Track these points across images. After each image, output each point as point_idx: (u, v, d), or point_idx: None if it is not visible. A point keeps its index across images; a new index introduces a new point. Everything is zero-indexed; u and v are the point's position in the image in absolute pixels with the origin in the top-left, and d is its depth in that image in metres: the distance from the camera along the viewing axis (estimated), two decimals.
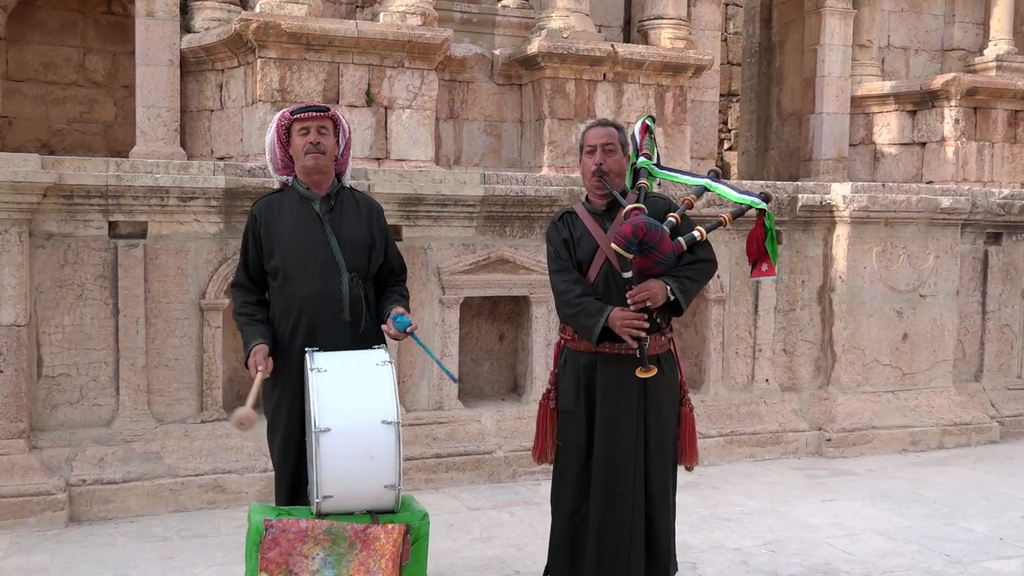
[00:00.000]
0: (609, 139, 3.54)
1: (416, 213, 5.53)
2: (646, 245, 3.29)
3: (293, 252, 3.50)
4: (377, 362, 3.35)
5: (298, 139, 3.54)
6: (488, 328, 6.13)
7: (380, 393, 3.27)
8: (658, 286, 3.36)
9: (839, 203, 6.40)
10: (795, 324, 6.56)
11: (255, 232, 3.58)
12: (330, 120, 3.57)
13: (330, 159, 3.59)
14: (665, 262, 3.37)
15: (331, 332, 3.49)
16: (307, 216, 3.55)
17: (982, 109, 8.91)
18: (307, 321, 3.49)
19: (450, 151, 7.48)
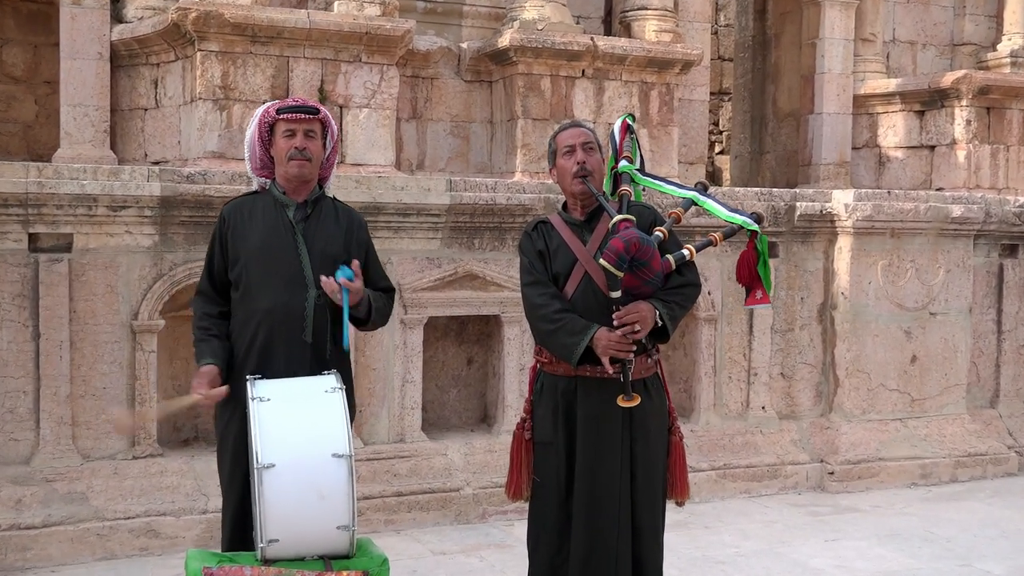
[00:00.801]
0: (587, 138, 3.58)
1: (375, 223, 5.52)
2: (637, 263, 3.31)
3: (258, 260, 3.51)
4: (327, 388, 3.34)
5: (282, 141, 3.54)
6: (455, 351, 6.13)
7: (330, 423, 3.26)
8: (648, 309, 3.39)
9: (841, 212, 6.47)
10: (794, 345, 6.62)
11: (222, 236, 3.58)
12: (319, 123, 3.58)
13: (316, 166, 3.60)
14: (653, 282, 3.39)
15: (288, 354, 3.48)
16: (279, 223, 3.55)
17: (996, 109, 9.04)
18: (263, 339, 3.49)
19: (412, 155, 7.49)
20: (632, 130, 3.92)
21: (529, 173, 7.16)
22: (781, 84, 10.01)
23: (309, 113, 3.55)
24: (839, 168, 9.16)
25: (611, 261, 3.27)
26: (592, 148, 3.56)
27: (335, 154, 3.72)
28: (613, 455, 3.48)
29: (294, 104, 3.58)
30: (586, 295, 3.48)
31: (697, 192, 3.82)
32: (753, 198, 6.39)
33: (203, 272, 3.67)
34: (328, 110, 6.75)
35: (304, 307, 3.49)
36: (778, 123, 10.07)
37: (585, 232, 3.57)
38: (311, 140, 3.55)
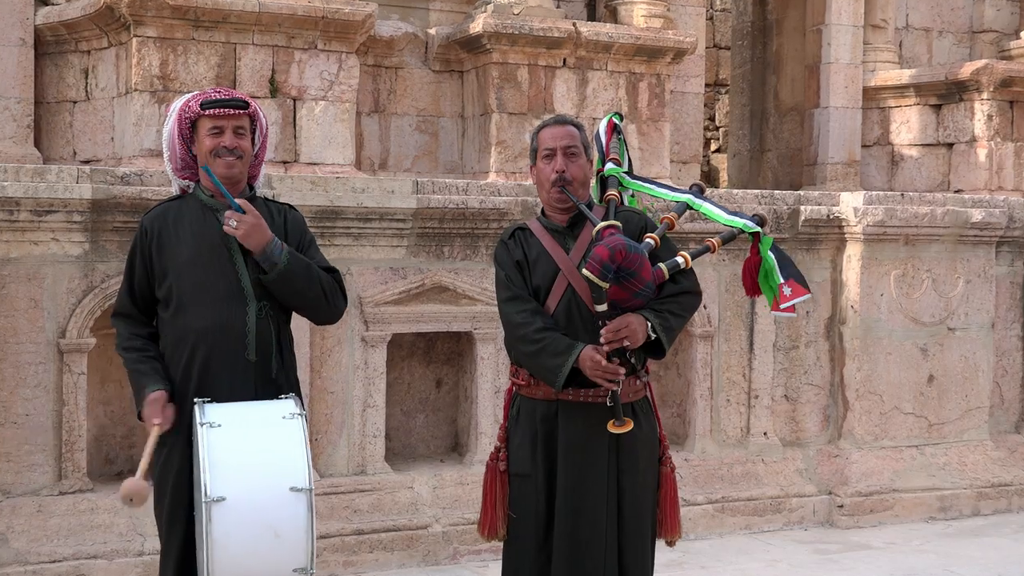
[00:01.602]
0: (571, 140, 3.58)
1: (332, 230, 5.52)
2: (624, 272, 3.31)
3: (189, 274, 3.48)
4: (284, 414, 3.33)
5: (207, 139, 3.51)
6: (422, 372, 6.12)
7: (288, 453, 3.25)
8: (638, 322, 3.39)
9: (850, 217, 6.52)
10: (799, 365, 6.65)
11: (144, 249, 3.55)
12: (248, 117, 3.56)
13: (246, 165, 3.58)
14: (644, 293, 3.40)
15: (231, 377, 3.46)
16: (209, 230, 3.52)
17: (1020, 103, 9.13)
18: (201, 361, 3.46)
19: (374, 153, 7.49)
20: (619, 130, 3.94)
21: (505, 173, 7.17)
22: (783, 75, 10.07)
23: (238, 107, 3.51)
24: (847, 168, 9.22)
25: (594, 271, 3.27)
26: (575, 152, 3.57)
27: (264, 150, 3.70)
28: (598, 489, 3.48)
29: (220, 98, 3.52)
30: (570, 310, 3.49)
31: (692, 195, 3.84)
32: (753, 201, 6.43)
33: (121, 292, 3.61)
34: (280, 103, 6.81)
35: (245, 323, 3.48)
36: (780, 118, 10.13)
37: (568, 239, 3.58)
38: (241, 138, 3.53)
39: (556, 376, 3.41)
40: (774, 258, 3.69)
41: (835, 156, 9.20)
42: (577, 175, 3.56)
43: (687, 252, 3.58)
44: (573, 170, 3.55)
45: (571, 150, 3.56)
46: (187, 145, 3.58)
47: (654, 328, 3.42)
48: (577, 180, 3.56)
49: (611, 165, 3.86)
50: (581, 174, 3.58)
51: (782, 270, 3.68)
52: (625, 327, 3.37)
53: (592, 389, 3.43)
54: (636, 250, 3.33)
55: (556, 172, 3.53)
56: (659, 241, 3.55)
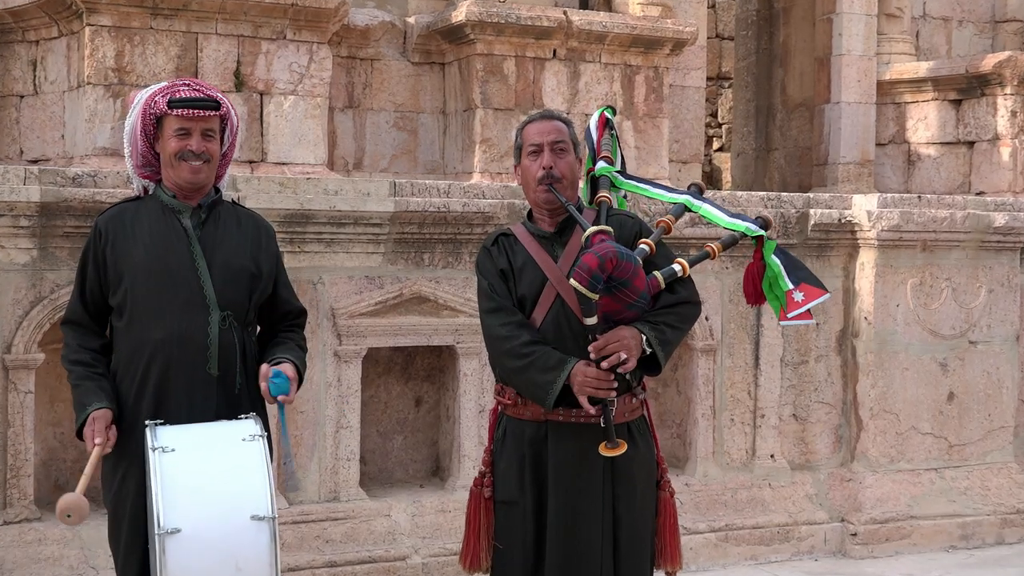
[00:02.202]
0: (559, 135, 3.58)
1: (303, 236, 5.51)
2: (615, 282, 3.31)
3: (146, 279, 3.47)
4: (245, 436, 3.33)
5: (173, 141, 3.51)
6: (400, 390, 6.12)
7: (249, 479, 3.24)
8: (631, 336, 3.39)
9: (863, 221, 6.54)
10: (808, 381, 6.66)
11: (98, 252, 3.54)
12: (218, 118, 3.56)
13: (213, 169, 3.59)
14: (638, 304, 3.39)
15: (190, 393, 3.46)
16: (170, 232, 3.53)
17: None
18: (158, 376, 3.46)
19: (348, 152, 7.49)
20: (611, 125, 3.94)
21: (490, 174, 7.18)
22: (791, 68, 10.11)
23: (208, 108, 3.52)
24: (860, 168, 9.26)
25: (583, 281, 3.27)
26: (564, 149, 3.57)
27: (233, 150, 3.71)
28: (592, 517, 3.48)
29: (189, 96, 3.51)
30: (558, 323, 3.49)
31: (691, 196, 3.84)
32: (758, 204, 6.45)
33: (73, 298, 3.61)
34: (246, 98, 6.80)
35: (207, 334, 3.47)
36: (788, 114, 10.16)
37: (556, 246, 3.58)
38: (210, 141, 3.53)
39: (546, 394, 3.40)
40: (779, 263, 3.68)
41: (847, 155, 9.24)
42: (566, 173, 3.56)
43: (685, 259, 3.59)
44: (561, 167, 3.55)
45: (559, 146, 3.56)
46: (150, 142, 3.57)
47: (649, 342, 3.42)
48: (566, 178, 3.56)
49: (603, 164, 3.86)
50: (570, 172, 3.58)
51: (790, 275, 3.68)
52: (616, 341, 3.36)
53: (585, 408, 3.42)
54: (628, 258, 3.32)
55: (543, 168, 3.53)
56: (654, 247, 3.55)
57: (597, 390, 3.36)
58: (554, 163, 3.54)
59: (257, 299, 3.61)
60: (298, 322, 3.79)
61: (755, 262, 3.73)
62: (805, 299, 3.70)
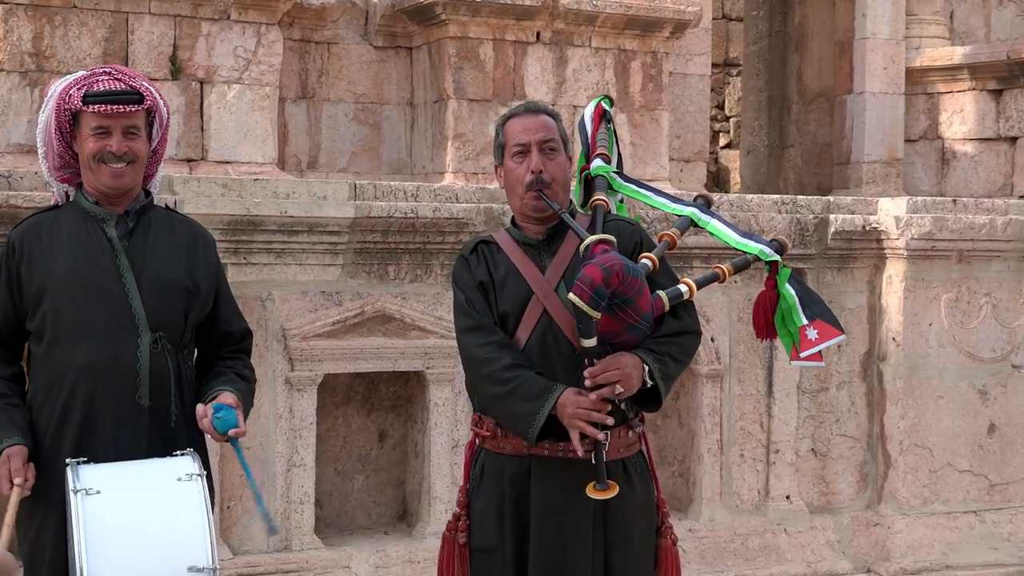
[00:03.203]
0: (547, 132, 3.59)
1: (249, 245, 5.51)
2: (619, 299, 3.31)
3: (67, 299, 3.47)
4: (181, 475, 3.32)
5: (91, 141, 3.51)
6: (362, 422, 6.11)
7: (186, 524, 3.24)
8: (633, 364, 3.39)
9: (890, 228, 6.57)
10: (829, 411, 6.68)
11: (12, 270, 3.54)
12: (144, 112, 3.56)
13: (140, 170, 3.58)
14: (639, 327, 3.40)
15: (118, 426, 3.45)
16: (93, 244, 3.52)
17: None
18: (82, 408, 3.45)
19: (302, 148, 7.49)
20: (609, 118, 3.96)
21: (464, 174, 7.19)
22: (808, 53, 10.15)
23: (129, 102, 3.51)
24: (888, 168, 9.30)
25: (585, 297, 3.26)
26: (554, 148, 3.58)
27: (164, 146, 3.70)
28: (581, 566, 3.48)
29: (108, 89, 3.50)
30: (545, 344, 3.49)
31: (697, 209, 3.86)
32: (771, 208, 6.48)
33: None
34: (183, 87, 6.80)
35: (136, 358, 3.47)
36: (805, 106, 10.20)
37: (544, 255, 3.59)
38: (133, 139, 3.52)
39: (528, 426, 3.41)
40: (794, 294, 3.70)
41: (872, 153, 9.28)
42: (557, 175, 3.57)
43: (692, 279, 3.60)
44: (552, 170, 3.56)
45: (549, 144, 3.57)
46: (67, 141, 3.57)
47: (652, 373, 3.43)
48: (557, 180, 3.57)
49: (599, 162, 3.87)
50: (561, 174, 3.59)
51: (805, 309, 3.69)
52: (617, 368, 3.37)
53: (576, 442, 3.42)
54: (635, 273, 3.32)
55: (532, 172, 3.54)
56: (657, 263, 3.56)
57: (588, 421, 3.37)
58: (544, 165, 3.55)
59: (195, 318, 3.61)
60: (241, 346, 3.78)
61: (767, 291, 3.75)
62: (819, 338, 3.71)
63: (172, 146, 6.55)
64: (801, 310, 3.70)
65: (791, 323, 3.71)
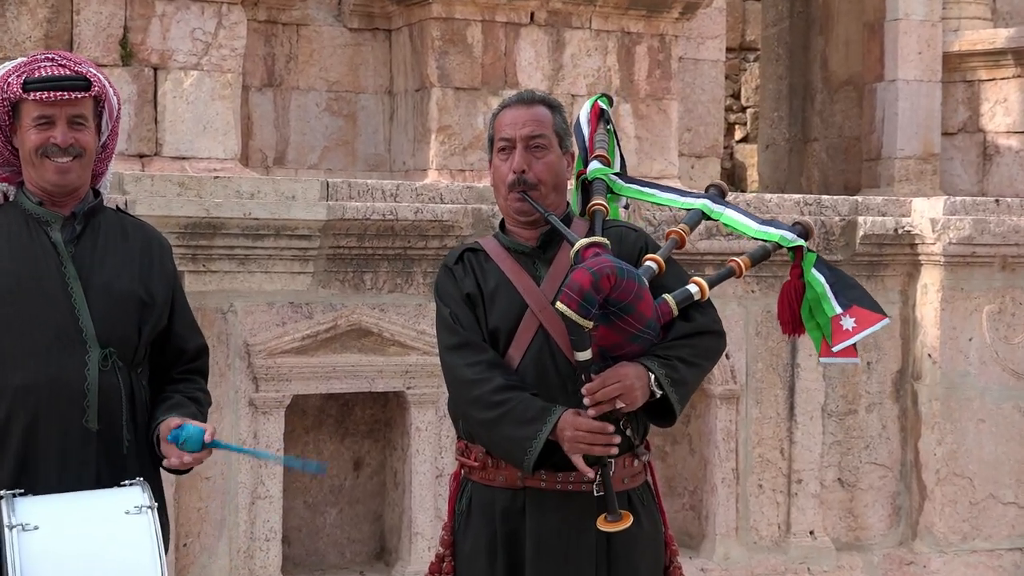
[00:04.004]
0: (536, 126, 3.59)
1: (209, 251, 5.51)
2: (614, 306, 3.31)
3: (6, 310, 3.46)
4: (130, 508, 3.31)
5: (33, 133, 3.50)
6: (335, 449, 6.11)
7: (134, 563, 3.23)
8: (635, 375, 3.38)
9: (926, 231, 6.57)
10: (858, 436, 6.68)
11: None
12: (91, 101, 3.56)
13: (88, 165, 3.58)
14: (644, 336, 3.40)
15: (63, 453, 3.44)
16: (35, 249, 3.52)
17: None
18: (22, 432, 3.43)
19: (268, 142, 7.49)
20: (607, 118, 3.96)
21: (449, 171, 7.19)
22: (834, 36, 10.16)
23: (74, 88, 3.50)
24: (923, 164, 9.30)
25: (572, 305, 3.26)
26: (543, 145, 3.57)
27: (115, 139, 3.70)
28: None
29: (50, 75, 3.49)
30: (542, 362, 3.49)
31: (709, 200, 3.86)
32: (793, 209, 6.49)
33: None
34: (135, 74, 6.79)
35: (84, 377, 3.46)
36: (830, 96, 10.21)
37: (539, 264, 3.59)
38: (80, 130, 3.52)
39: (524, 453, 3.40)
40: (823, 281, 3.70)
41: (906, 148, 9.28)
42: (544, 176, 3.56)
43: (702, 278, 3.60)
44: (538, 169, 3.56)
45: (536, 141, 3.57)
46: (5, 135, 3.57)
47: (659, 381, 3.41)
48: (544, 183, 3.56)
49: (596, 164, 3.88)
50: (550, 174, 3.58)
51: (838, 296, 3.68)
52: (617, 382, 3.36)
53: (574, 472, 3.42)
54: (631, 275, 3.33)
55: (515, 172, 3.54)
56: (664, 264, 3.56)
57: (592, 446, 3.36)
58: (528, 165, 3.54)
59: (149, 332, 3.60)
60: (195, 366, 3.77)
61: (792, 280, 3.74)
62: (857, 327, 3.67)
63: (123, 139, 6.54)
64: (833, 298, 3.67)
65: (820, 315, 3.69)
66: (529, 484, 3.48)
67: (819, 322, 3.71)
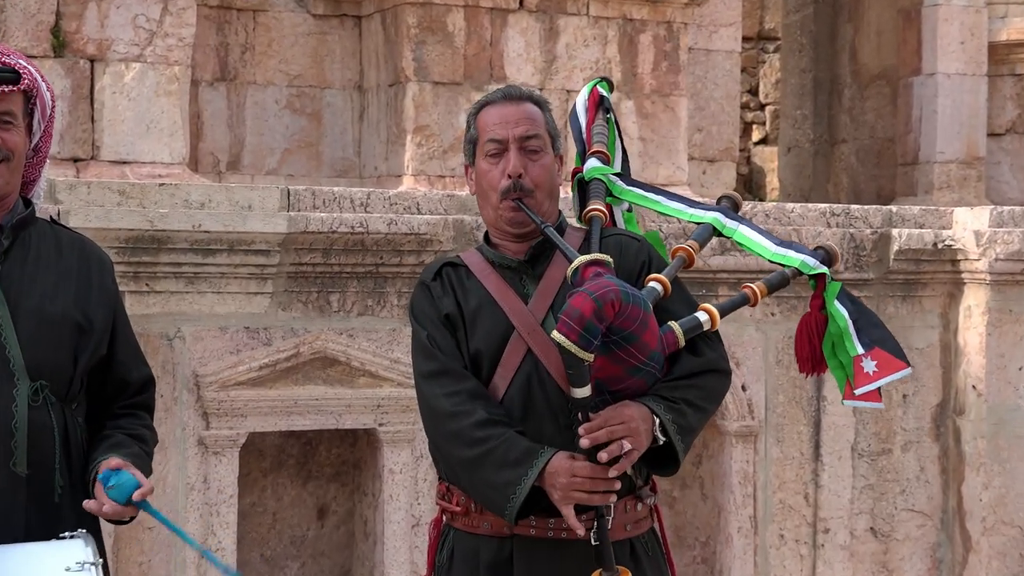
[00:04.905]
0: (530, 125, 3.60)
1: (153, 269, 5.51)
2: (616, 334, 3.30)
3: None
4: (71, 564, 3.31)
5: None
6: (297, 495, 6.11)
7: None
8: (640, 416, 3.38)
9: (969, 246, 6.59)
10: (892, 479, 6.69)
11: None
12: (21, 96, 3.57)
13: (17, 169, 3.58)
14: (646, 369, 3.39)
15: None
16: None
17: None
18: None
19: (221, 145, 7.49)
20: (607, 105, 3.97)
21: (427, 177, 7.20)
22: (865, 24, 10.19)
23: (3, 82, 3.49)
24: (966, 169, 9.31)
25: (572, 335, 3.25)
26: (538, 147, 3.58)
27: (48, 142, 3.70)
28: None
29: None
30: (530, 393, 3.50)
31: (721, 214, 3.88)
32: (818, 221, 6.50)
33: None
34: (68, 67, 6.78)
35: (11, 414, 3.45)
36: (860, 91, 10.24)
37: (527, 281, 3.60)
38: (8, 130, 3.52)
39: (507, 499, 3.40)
40: (846, 315, 3.71)
41: (946, 151, 9.30)
42: (541, 180, 3.58)
43: (714, 305, 3.62)
44: (535, 173, 3.56)
45: (532, 143, 3.57)
46: None
47: (664, 427, 3.43)
48: (541, 188, 3.57)
49: (595, 162, 3.88)
50: (547, 179, 3.60)
51: (860, 334, 3.70)
52: (620, 421, 3.36)
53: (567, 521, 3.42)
54: (636, 301, 3.32)
55: (509, 176, 3.55)
56: (669, 286, 3.57)
57: (591, 495, 3.36)
58: (524, 168, 3.55)
59: (86, 362, 3.60)
60: (140, 399, 3.77)
61: (813, 312, 3.75)
62: (878, 372, 3.69)
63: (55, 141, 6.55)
64: (855, 336, 3.69)
65: (843, 352, 3.71)
66: (518, 532, 3.48)
67: (841, 360, 3.73)
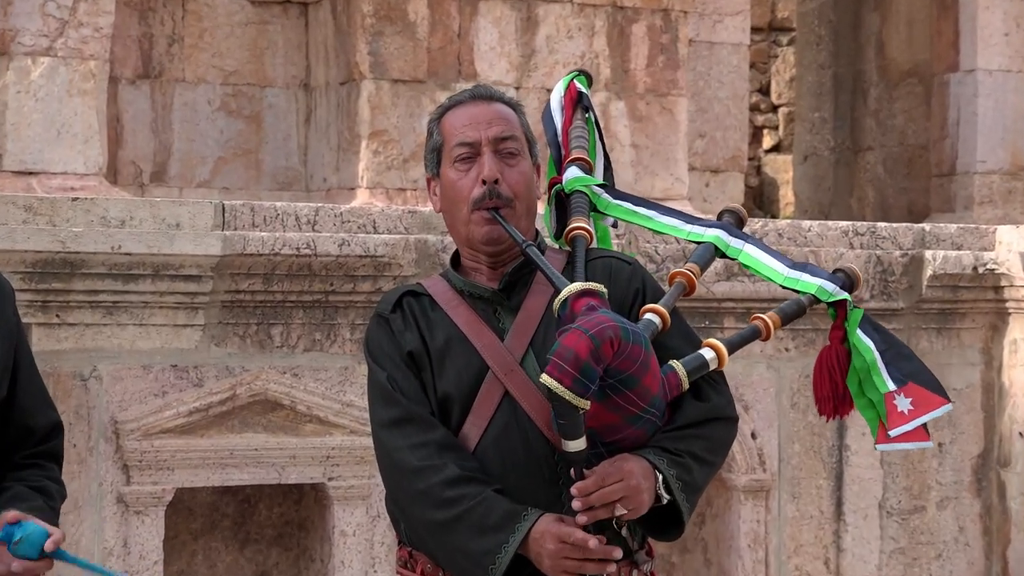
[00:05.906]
0: (505, 126, 3.59)
1: (65, 297, 5.51)
2: (613, 377, 3.29)
3: None
4: None
5: None
6: (233, 560, 6.11)
7: None
8: (641, 471, 3.38)
9: (1015, 270, 6.62)
10: (926, 541, 6.71)
11: None
12: None
13: None
14: (646, 416, 3.38)
15: None
16: None
17: None
18: None
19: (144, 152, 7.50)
20: (586, 102, 3.97)
21: (385, 190, 7.21)
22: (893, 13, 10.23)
23: None
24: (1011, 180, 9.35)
25: (566, 380, 3.23)
26: (515, 151, 3.58)
27: None
28: None
29: None
30: (508, 440, 3.49)
31: (723, 231, 3.88)
32: (839, 241, 6.52)
33: None
34: None
35: None
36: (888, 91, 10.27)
37: (502, 313, 3.60)
38: None
39: (487, 570, 3.38)
40: (872, 347, 3.71)
41: (988, 159, 9.33)
42: (520, 188, 3.56)
43: (719, 340, 3.62)
44: (513, 179, 3.55)
45: (507, 144, 3.56)
46: None
47: (667, 484, 3.43)
48: (520, 197, 3.56)
49: (575, 171, 3.87)
50: (525, 187, 3.59)
51: (888, 367, 3.70)
52: (619, 480, 3.36)
53: None
54: (637, 339, 3.31)
55: (483, 182, 3.54)
56: (668, 318, 3.58)
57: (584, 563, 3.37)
58: (502, 173, 3.56)
59: None
60: (46, 448, 3.77)
61: (833, 344, 3.74)
62: (914, 411, 3.68)
63: None
64: (884, 370, 3.69)
65: (871, 390, 3.69)
66: None
67: (871, 399, 3.71)
